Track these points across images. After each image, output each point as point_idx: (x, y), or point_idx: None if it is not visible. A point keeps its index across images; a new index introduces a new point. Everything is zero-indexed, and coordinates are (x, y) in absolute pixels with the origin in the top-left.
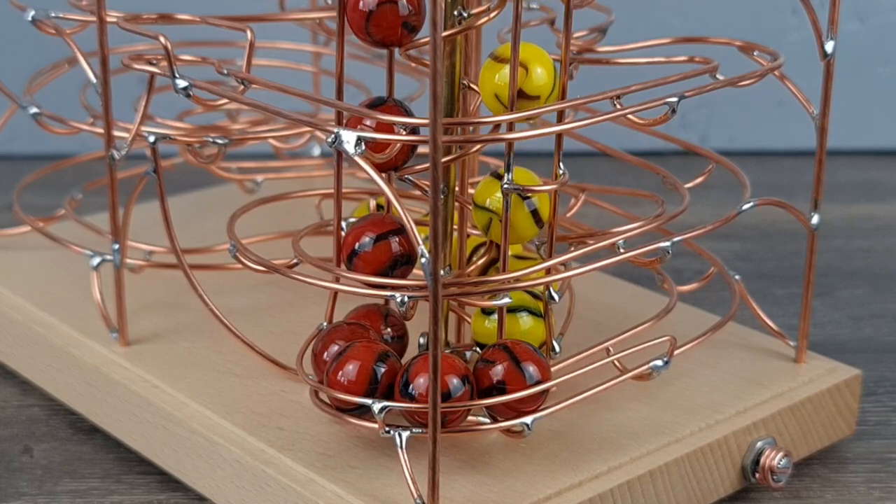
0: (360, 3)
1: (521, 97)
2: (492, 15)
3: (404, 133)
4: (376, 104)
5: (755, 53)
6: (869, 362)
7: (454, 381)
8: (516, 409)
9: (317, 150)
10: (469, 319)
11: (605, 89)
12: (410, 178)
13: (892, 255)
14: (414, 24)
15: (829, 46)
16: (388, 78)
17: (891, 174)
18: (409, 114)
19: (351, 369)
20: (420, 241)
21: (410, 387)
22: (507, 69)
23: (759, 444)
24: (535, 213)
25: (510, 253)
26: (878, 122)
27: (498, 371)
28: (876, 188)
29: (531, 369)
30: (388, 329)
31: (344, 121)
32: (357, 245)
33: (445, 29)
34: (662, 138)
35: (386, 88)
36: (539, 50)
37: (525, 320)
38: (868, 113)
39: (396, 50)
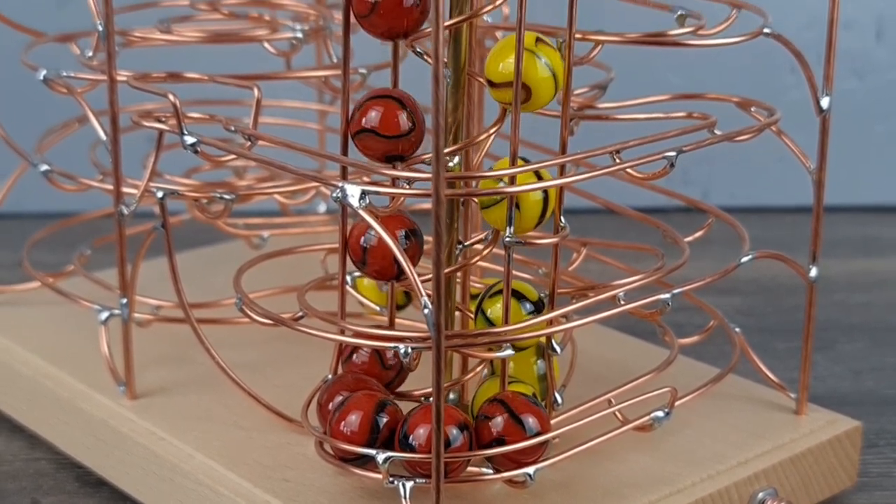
0: None
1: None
2: (492, 132)
3: (408, 187)
4: (379, 96)
5: (753, 109)
6: (870, 415)
7: (453, 431)
8: (517, 461)
9: (322, 207)
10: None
11: (605, 144)
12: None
13: (892, 310)
14: None
15: (825, 102)
16: (393, 70)
17: (890, 230)
18: (410, 105)
19: (353, 419)
20: (423, 293)
21: (410, 438)
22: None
23: (761, 494)
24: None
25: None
26: (876, 179)
27: (497, 423)
28: (875, 243)
29: (530, 421)
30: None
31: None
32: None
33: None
34: (663, 193)
35: (391, 81)
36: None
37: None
38: (867, 169)
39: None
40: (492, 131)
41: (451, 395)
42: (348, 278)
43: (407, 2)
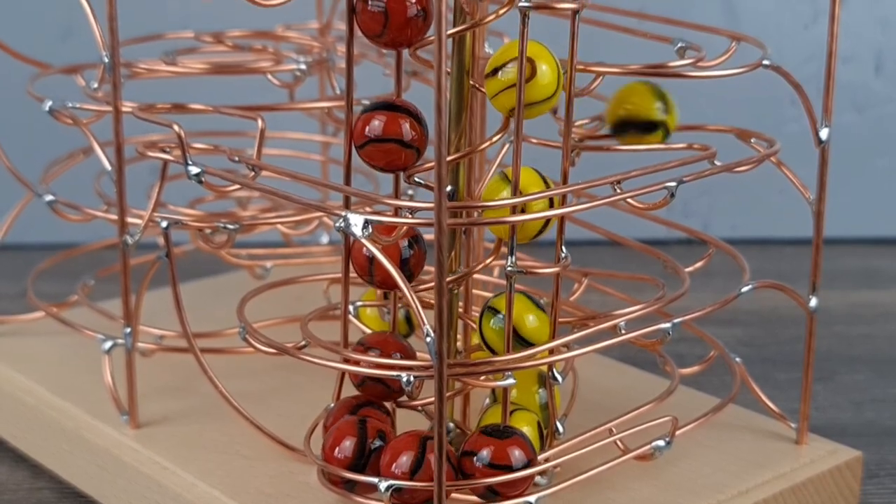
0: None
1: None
2: (494, 140)
3: (410, 215)
4: (383, 107)
5: (752, 141)
6: (870, 445)
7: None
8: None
9: (325, 238)
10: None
11: (606, 175)
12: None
13: (893, 341)
14: None
15: (824, 133)
16: (396, 80)
17: (891, 262)
18: (417, 116)
19: (348, 445)
20: (425, 322)
21: (394, 465)
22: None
23: None
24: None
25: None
26: (876, 211)
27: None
28: (876, 276)
29: (517, 453)
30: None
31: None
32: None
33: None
34: (664, 224)
35: (395, 90)
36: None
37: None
38: (867, 202)
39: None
40: (494, 139)
41: (450, 424)
42: (351, 308)
43: (410, 12)
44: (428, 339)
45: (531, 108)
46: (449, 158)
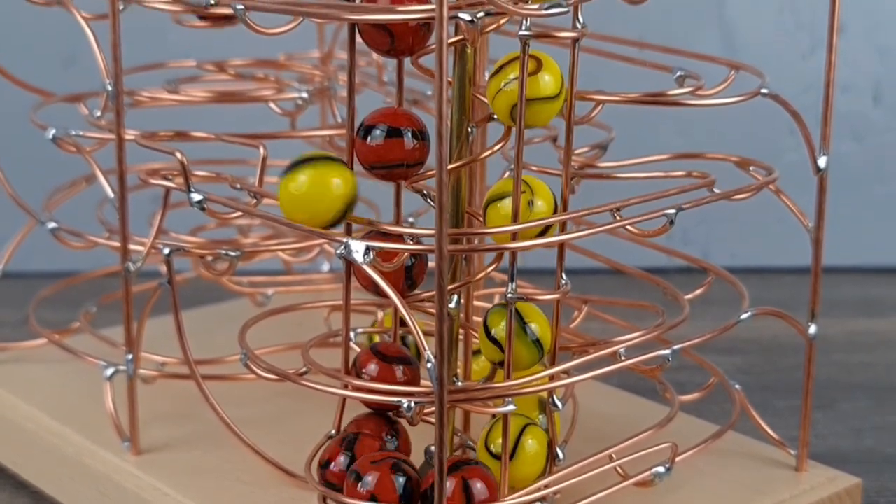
0: None
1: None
2: (495, 148)
3: (411, 243)
4: (387, 112)
5: (751, 169)
6: (870, 472)
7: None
8: None
9: (325, 266)
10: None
11: (606, 202)
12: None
13: (893, 369)
14: None
15: (822, 161)
16: (398, 87)
17: (890, 290)
18: (418, 126)
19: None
20: (426, 347)
21: (360, 484)
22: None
23: None
24: (536, 343)
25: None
26: (876, 240)
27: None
28: (876, 304)
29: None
30: (392, 437)
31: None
32: None
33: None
34: (663, 251)
35: (396, 99)
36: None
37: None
38: (866, 231)
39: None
40: (496, 148)
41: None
42: (352, 334)
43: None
44: (429, 365)
45: (533, 104)
46: (450, 167)
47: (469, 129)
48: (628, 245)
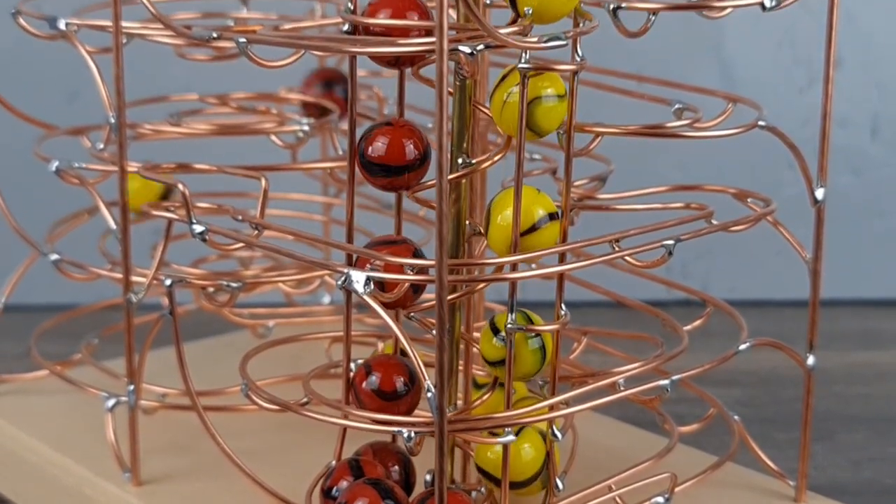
0: None
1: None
2: (496, 158)
3: (412, 273)
4: (390, 123)
5: (749, 200)
6: None
7: None
8: None
9: (326, 299)
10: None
11: (605, 234)
12: (416, 316)
13: (892, 402)
14: None
15: (820, 193)
16: (399, 98)
17: (889, 323)
18: (418, 133)
19: None
20: (426, 378)
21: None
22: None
23: None
24: (542, 350)
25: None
26: (875, 273)
27: None
28: (875, 337)
29: None
30: (396, 467)
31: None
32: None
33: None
34: (663, 284)
35: (397, 110)
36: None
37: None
38: (865, 264)
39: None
40: (496, 158)
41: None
42: (352, 365)
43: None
44: (429, 395)
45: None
46: (450, 177)
47: (467, 161)
48: (628, 278)
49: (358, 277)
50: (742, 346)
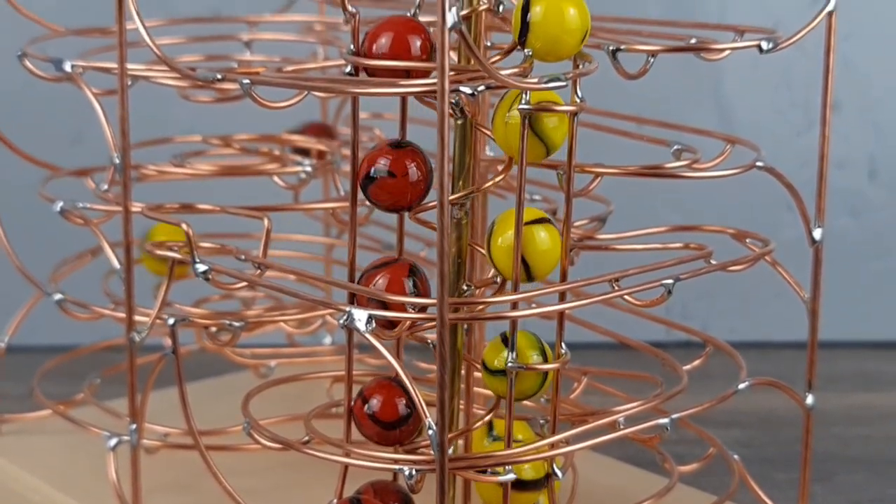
0: None
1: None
2: (497, 179)
3: (413, 311)
4: (395, 146)
5: (748, 241)
6: None
7: None
8: None
9: (328, 339)
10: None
11: (604, 273)
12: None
13: (892, 443)
14: None
15: (817, 233)
16: (401, 123)
17: (888, 365)
18: (424, 159)
19: None
20: (427, 415)
21: None
22: None
23: None
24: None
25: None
26: (874, 315)
27: None
28: (874, 379)
29: None
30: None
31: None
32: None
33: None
34: (662, 323)
35: (399, 133)
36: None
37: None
38: (864, 306)
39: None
40: (498, 179)
41: None
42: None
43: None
44: (430, 432)
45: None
46: (452, 198)
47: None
48: (628, 320)
49: (360, 316)
50: (741, 386)
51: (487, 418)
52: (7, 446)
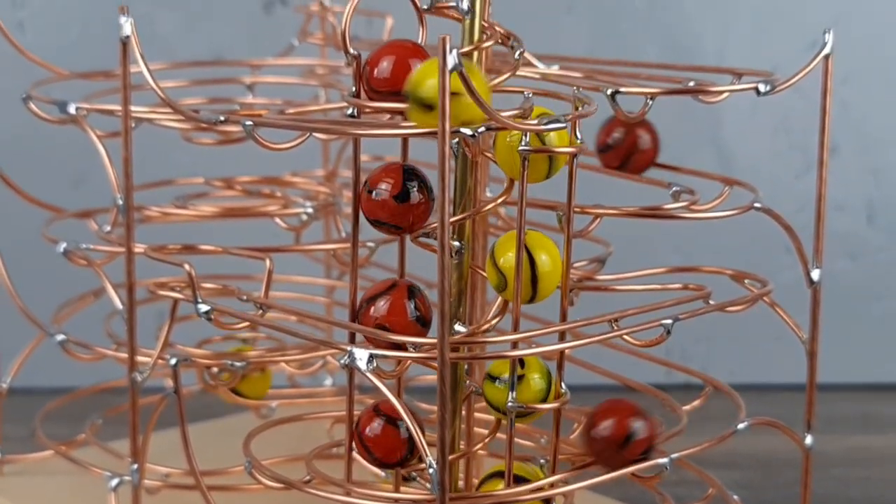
0: None
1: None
2: (499, 201)
3: (413, 351)
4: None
5: (746, 282)
6: None
7: None
8: None
9: (329, 381)
10: None
11: (604, 313)
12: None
13: (890, 485)
14: None
15: (815, 274)
16: (403, 149)
17: (887, 407)
18: (422, 179)
19: None
20: (428, 452)
21: None
22: None
23: None
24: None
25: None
26: (873, 357)
27: None
28: (873, 421)
29: None
30: None
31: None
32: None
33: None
34: (662, 364)
35: (400, 156)
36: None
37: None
38: (864, 348)
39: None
40: (499, 200)
41: None
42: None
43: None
44: (430, 470)
45: None
46: (452, 220)
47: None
48: (628, 362)
49: (361, 355)
50: (740, 426)
51: (487, 440)
52: (9, 487)
